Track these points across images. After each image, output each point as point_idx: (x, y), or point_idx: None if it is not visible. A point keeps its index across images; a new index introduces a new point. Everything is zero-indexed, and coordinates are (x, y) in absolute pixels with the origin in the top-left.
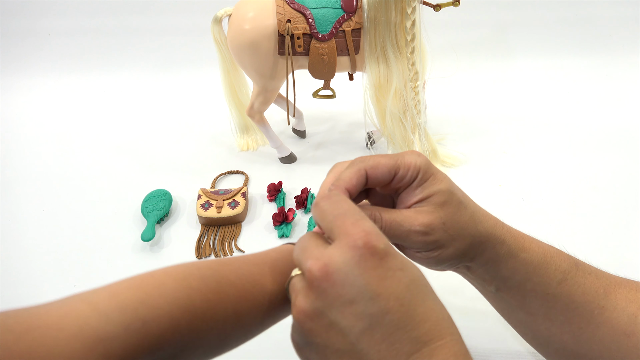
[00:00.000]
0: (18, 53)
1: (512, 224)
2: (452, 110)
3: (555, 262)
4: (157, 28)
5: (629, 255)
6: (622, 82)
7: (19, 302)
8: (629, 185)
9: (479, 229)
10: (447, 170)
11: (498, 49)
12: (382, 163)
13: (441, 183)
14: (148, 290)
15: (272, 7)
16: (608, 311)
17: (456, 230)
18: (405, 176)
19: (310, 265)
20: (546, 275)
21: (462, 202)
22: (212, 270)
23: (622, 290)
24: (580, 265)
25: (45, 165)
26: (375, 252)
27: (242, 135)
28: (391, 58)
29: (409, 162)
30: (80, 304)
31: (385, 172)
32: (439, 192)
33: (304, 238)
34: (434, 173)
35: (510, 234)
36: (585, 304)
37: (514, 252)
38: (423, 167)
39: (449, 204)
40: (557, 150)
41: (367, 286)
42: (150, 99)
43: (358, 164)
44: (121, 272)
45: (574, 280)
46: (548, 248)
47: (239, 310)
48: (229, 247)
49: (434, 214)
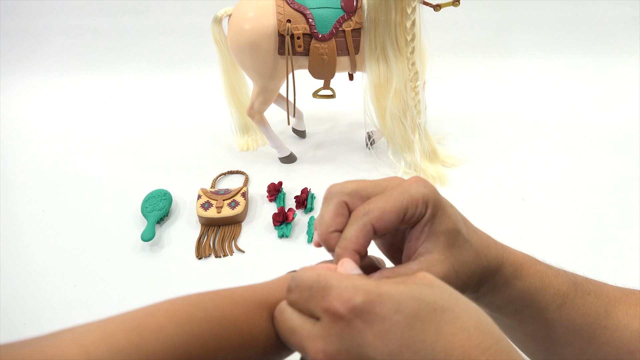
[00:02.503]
0: (18, 53)
1: (512, 224)
2: (452, 110)
3: (554, 286)
4: (157, 28)
5: (629, 255)
6: (622, 82)
7: (19, 302)
8: (629, 185)
9: (483, 263)
10: (447, 170)
11: (498, 49)
12: (387, 210)
13: (449, 220)
14: (145, 334)
15: (272, 7)
16: (610, 330)
17: (466, 274)
18: (414, 214)
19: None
20: (544, 300)
21: (468, 241)
22: (220, 311)
23: (623, 306)
24: (579, 285)
25: (45, 165)
26: (355, 311)
27: (242, 135)
28: (391, 58)
29: (417, 198)
30: (70, 345)
31: (394, 218)
32: (447, 232)
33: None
34: (443, 206)
35: (508, 261)
36: (586, 325)
37: (510, 281)
38: (432, 199)
39: (456, 246)
40: (557, 150)
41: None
42: (151, 99)
43: (362, 219)
44: (121, 272)
45: (573, 303)
46: (546, 271)
47: (238, 359)
48: (229, 247)
49: (446, 263)
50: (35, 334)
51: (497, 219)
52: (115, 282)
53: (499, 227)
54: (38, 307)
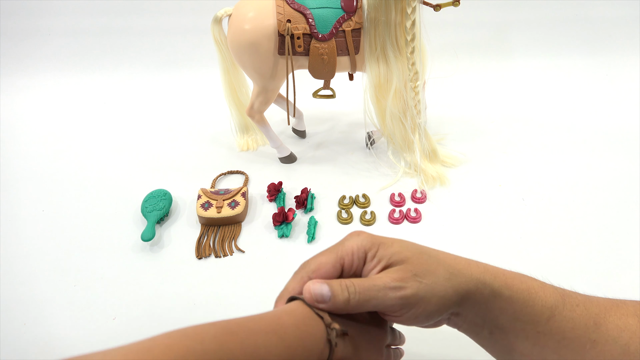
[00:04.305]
0: (18, 53)
1: (512, 224)
2: (452, 110)
3: (541, 298)
4: (157, 28)
5: (628, 255)
6: (622, 82)
7: (19, 302)
8: (629, 185)
9: (459, 279)
10: (448, 170)
11: (498, 49)
12: (323, 262)
13: (392, 246)
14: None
15: (272, 7)
16: (600, 344)
17: (432, 279)
18: (353, 262)
19: None
20: (533, 313)
21: (425, 252)
22: (217, 344)
23: (613, 317)
24: (567, 297)
25: (45, 165)
26: None
27: (242, 135)
28: (391, 58)
29: (350, 248)
30: None
31: (331, 269)
32: (394, 254)
33: None
34: (382, 242)
35: (491, 274)
36: (576, 339)
37: (497, 291)
38: (366, 244)
39: (411, 258)
40: (557, 150)
41: None
42: (151, 99)
43: (300, 272)
44: (121, 272)
45: (562, 315)
46: (532, 283)
47: None
48: (229, 247)
49: (402, 269)
50: (35, 333)
51: (497, 219)
52: (115, 282)
53: (499, 227)
54: (38, 307)
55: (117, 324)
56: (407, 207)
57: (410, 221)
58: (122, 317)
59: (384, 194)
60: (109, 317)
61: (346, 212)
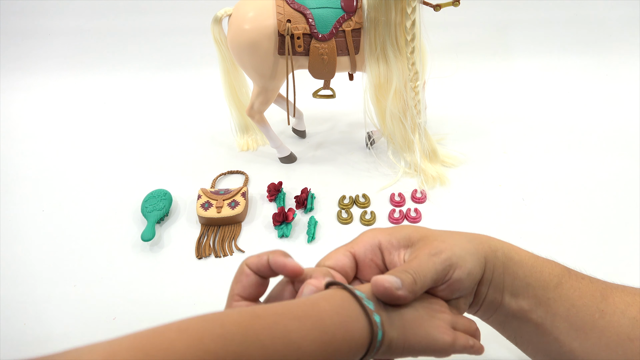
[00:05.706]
0: (18, 53)
1: (512, 224)
2: (452, 110)
3: (547, 267)
4: (157, 28)
5: (629, 255)
6: (622, 82)
7: (19, 302)
8: (629, 185)
9: (476, 242)
10: (448, 170)
11: (498, 49)
12: (339, 258)
13: (404, 228)
14: (152, 352)
15: (272, 7)
16: (608, 315)
17: (457, 242)
18: (366, 255)
19: None
20: (542, 279)
21: (435, 230)
22: (239, 327)
23: (619, 293)
24: (572, 271)
25: (45, 165)
26: None
27: (242, 135)
28: (391, 58)
29: (362, 242)
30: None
31: (343, 258)
32: (411, 232)
33: None
34: (393, 229)
35: (498, 241)
36: (585, 307)
37: (508, 255)
38: (378, 234)
39: (428, 233)
40: (557, 150)
41: None
42: (150, 99)
43: (318, 268)
44: (121, 272)
45: (569, 283)
46: (537, 256)
47: None
48: (229, 247)
49: (428, 241)
50: (35, 333)
51: (497, 219)
52: (115, 282)
53: (499, 227)
54: (38, 307)
55: (117, 324)
56: (407, 207)
57: (410, 221)
58: (122, 317)
59: (384, 194)
60: (109, 317)
61: (346, 212)
